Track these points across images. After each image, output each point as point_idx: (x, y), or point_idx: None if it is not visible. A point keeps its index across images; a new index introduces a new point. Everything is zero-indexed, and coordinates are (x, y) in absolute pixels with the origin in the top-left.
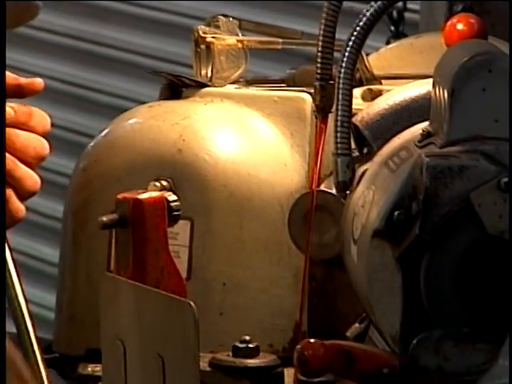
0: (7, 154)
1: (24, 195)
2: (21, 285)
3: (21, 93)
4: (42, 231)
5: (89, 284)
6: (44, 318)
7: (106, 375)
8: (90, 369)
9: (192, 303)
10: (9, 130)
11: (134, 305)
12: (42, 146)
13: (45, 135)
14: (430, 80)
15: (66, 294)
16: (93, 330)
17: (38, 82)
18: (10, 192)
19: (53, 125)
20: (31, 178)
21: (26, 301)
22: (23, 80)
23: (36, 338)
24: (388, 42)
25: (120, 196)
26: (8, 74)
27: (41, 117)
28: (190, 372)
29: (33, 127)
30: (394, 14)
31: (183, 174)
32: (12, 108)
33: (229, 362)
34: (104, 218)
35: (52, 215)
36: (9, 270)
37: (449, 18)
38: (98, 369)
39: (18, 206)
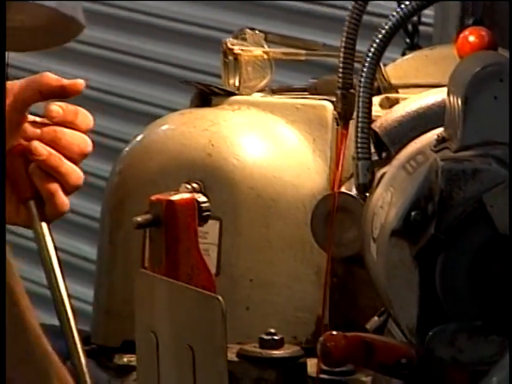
0: (53, 151)
1: (69, 189)
2: (63, 280)
3: (64, 93)
4: (82, 230)
5: (124, 280)
6: (83, 312)
7: (139, 365)
8: (125, 359)
9: (220, 298)
10: (56, 128)
11: (167, 299)
12: (85, 143)
13: (87, 133)
14: (445, 89)
15: (104, 289)
16: (128, 323)
17: (80, 82)
18: (56, 187)
19: (91, 131)
20: (75, 173)
21: (69, 295)
22: (66, 81)
23: (77, 330)
24: (404, 54)
25: (153, 197)
26: (51, 75)
27: (85, 116)
28: (218, 362)
29: (78, 125)
30: (409, 27)
31: (213, 176)
32: (60, 107)
33: (255, 353)
34: (138, 218)
35: (90, 215)
36: (52, 266)
37: (461, 31)
38: (133, 359)
39: (63, 200)
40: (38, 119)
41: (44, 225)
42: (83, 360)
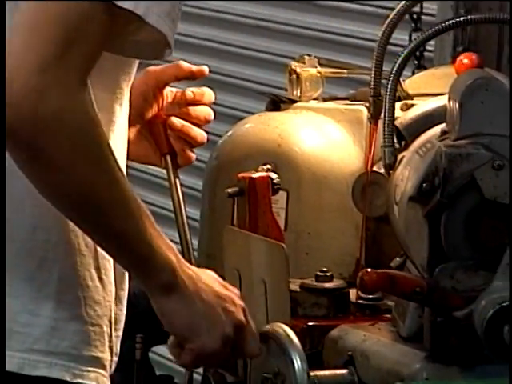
0: (185, 123)
1: (196, 146)
2: (189, 228)
3: (193, 77)
4: (189, 198)
5: (219, 233)
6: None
7: None
8: None
9: (284, 246)
10: (189, 107)
11: (247, 247)
12: (209, 113)
13: (210, 105)
14: (446, 96)
15: (204, 240)
16: (221, 263)
17: (205, 69)
18: (186, 146)
19: None
20: (201, 135)
21: (192, 241)
22: (195, 68)
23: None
24: (413, 72)
25: (240, 175)
26: (185, 63)
27: (209, 94)
28: (283, 291)
29: (204, 102)
30: (417, 52)
31: (281, 160)
32: (192, 92)
33: (312, 285)
34: (229, 190)
35: (195, 188)
36: (179, 204)
37: (455, 56)
38: None
39: (190, 155)
40: (173, 90)
41: (177, 180)
42: None
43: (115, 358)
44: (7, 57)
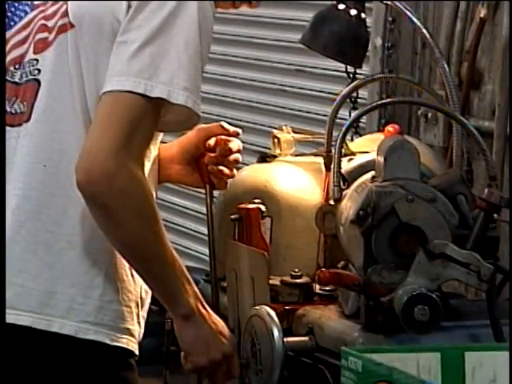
0: (221, 167)
1: (228, 179)
2: (214, 246)
3: (230, 134)
4: (204, 221)
5: (225, 245)
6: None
7: (228, 286)
8: (225, 284)
9: (266, 254)
10: (224, 157)
11: (242, 255)
12: (238, 158)
13: (240, 151)
14: (375, 153)
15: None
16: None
17: (239, 130)
18: (220, 180)
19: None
20: (232, 173)
21: (214, 246)
22: (232, 129)
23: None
24: (352, 138)
25: (239, 206)
26: (225, 124)
27: (237, 144)
28: (264, 285)
29: (234, 151)
30: (355, 124)
31: (267, 196)
32: (224, 149)
33: (288, 281)
34: (232, 217)
35: None
36: (212, 223)
37: (381, 126)
38: None
39: (224, 185)
40: (214, 138)
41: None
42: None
43: (142, 330)
44: (86, 139)
